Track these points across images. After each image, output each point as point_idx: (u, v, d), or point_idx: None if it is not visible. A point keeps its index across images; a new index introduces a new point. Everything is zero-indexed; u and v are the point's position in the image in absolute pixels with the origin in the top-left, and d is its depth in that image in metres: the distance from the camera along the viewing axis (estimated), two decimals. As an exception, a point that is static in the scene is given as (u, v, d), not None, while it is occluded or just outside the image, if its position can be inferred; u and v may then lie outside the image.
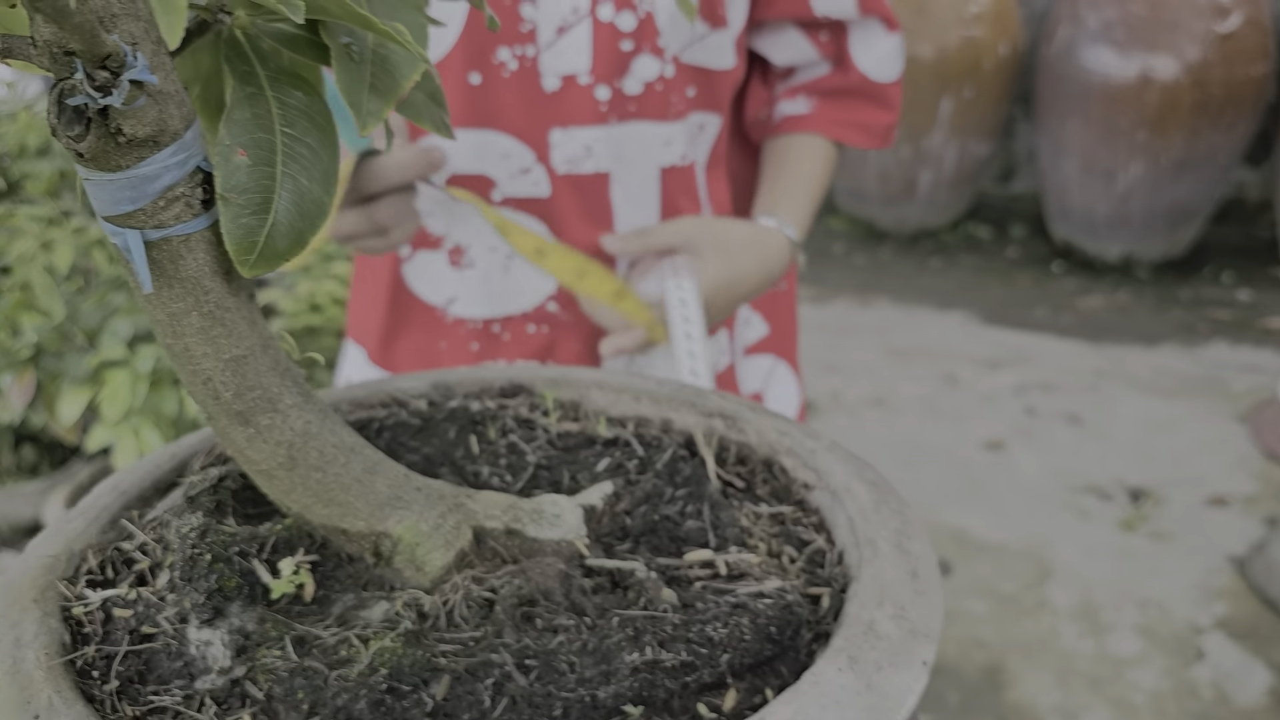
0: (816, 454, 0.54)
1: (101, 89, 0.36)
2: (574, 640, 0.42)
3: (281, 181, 0.40)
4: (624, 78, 0.89)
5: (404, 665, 0.40)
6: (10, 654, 0.43)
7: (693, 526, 0.50)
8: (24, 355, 1.90)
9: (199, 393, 0.43)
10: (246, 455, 0.44)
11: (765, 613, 0.42)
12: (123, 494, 0.55)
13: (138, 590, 0.48)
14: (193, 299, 0.41)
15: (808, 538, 0.50)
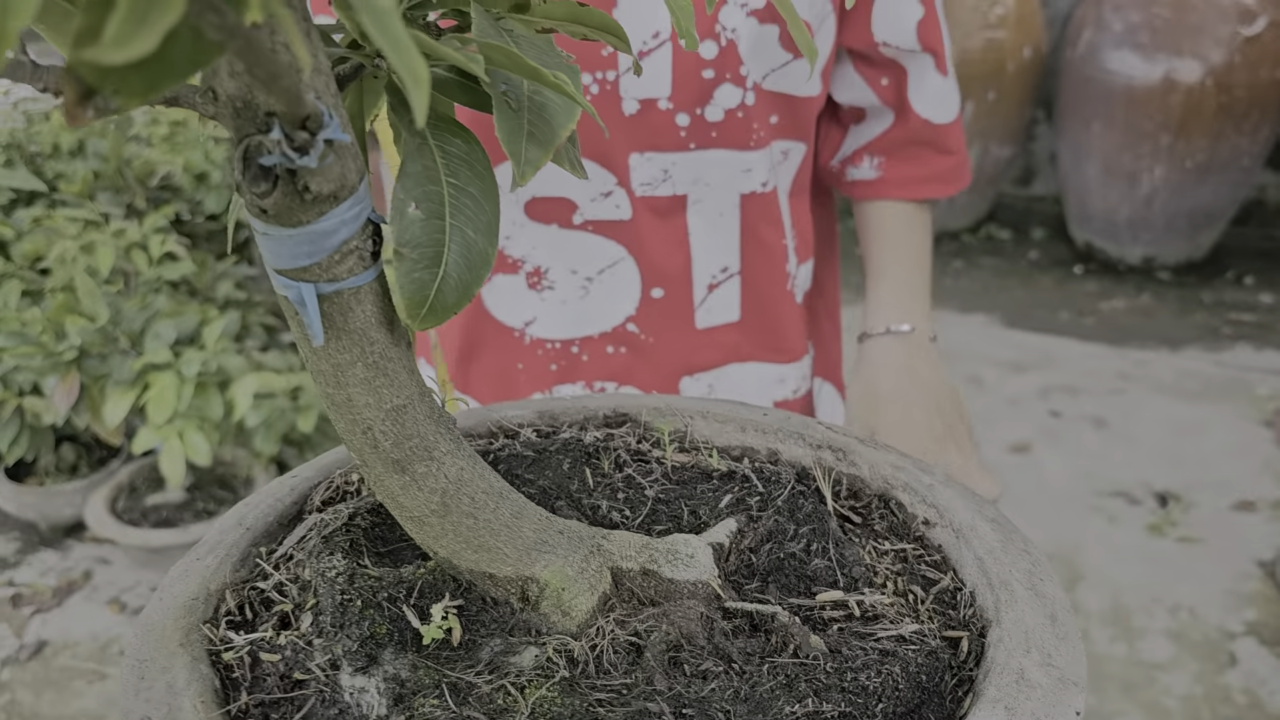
0: (934, 490, 0.54)
1: (300, 149, 0.37)
2: (725, 688, 0.42)
3: (450, 234, 0.41)
4: (705, 105, 0.90)
5: (564, 715, 0.41)
6: (165, 701, 0.43)
7: (820, 565, 0.50)
8: (68, 358, 1.92)
9: (357, 442, 0.44)
10: (400, 502, 0.45)
11: (914, 660, 0.43)
12: (248, 530, 0.55)
13: (282, 634, 0.47)
14: (359, 350, 0.42)
15: (933, 577, 0.50)
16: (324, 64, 0.38)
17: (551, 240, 0.94)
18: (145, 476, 2.31)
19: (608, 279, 0.97)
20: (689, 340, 1.01)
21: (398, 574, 0.48)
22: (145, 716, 0.42)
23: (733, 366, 1.03)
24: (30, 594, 2.30)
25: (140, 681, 0.44)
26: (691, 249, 0.97)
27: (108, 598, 2.30)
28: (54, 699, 2.04)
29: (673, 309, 0.99)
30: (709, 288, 0.99)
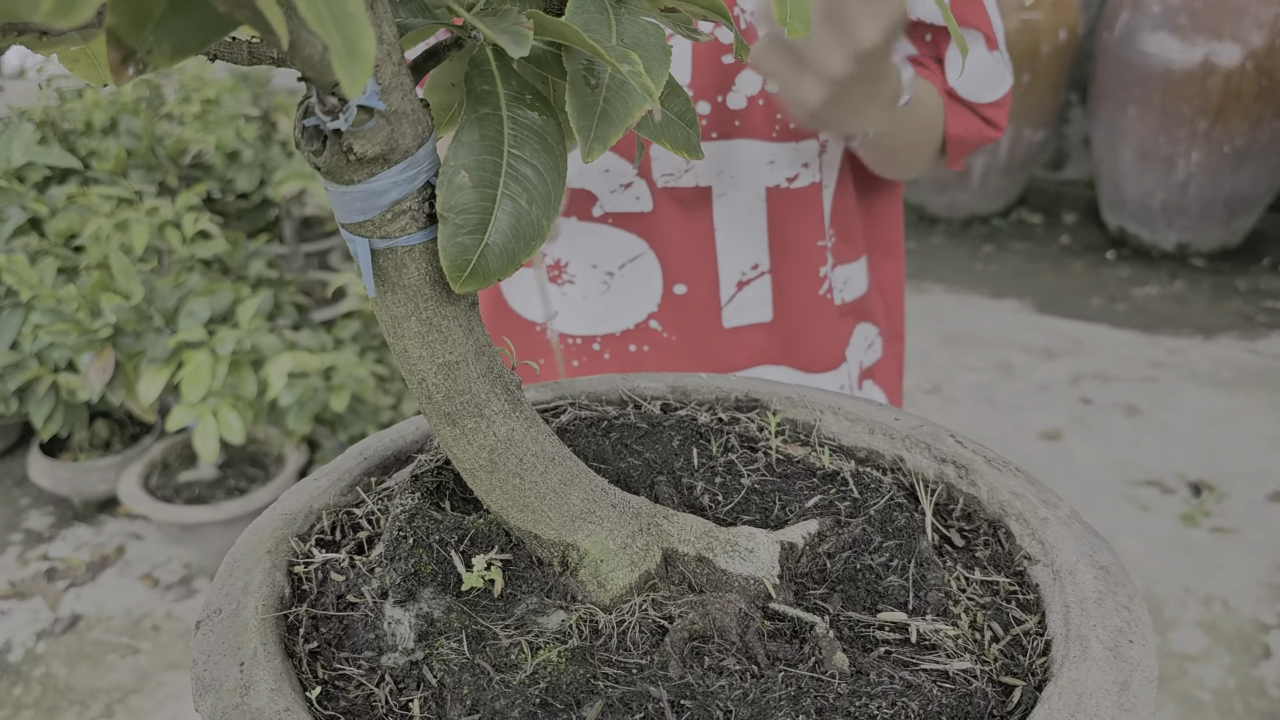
0: (1048, 524, 0.51)
1: (331, 113, 0.37)
2: (734, 687, 0.42)
3: (500, 203, 0.41)
4: (727, 93, 0.88)
5: (563, 682, 0.41)
6: (237, 599, 0.47)
7: (894, 583, 0.49)
8: (103, 335, 1.94)
9: (415, 390, 0.44)
10: (454, 452, 0.46)
11: (939, 699, 0.41)
12: (365, 460, 0.58)
13: (353, 558, 0.50)
14: (412, 305, 0.42)
15: (1019, 617, 0.47)
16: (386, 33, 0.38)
17: (571, 233, 0.93)
18: (178, 453, 2.33)
19: (629, 274, 0.95)
20: (715, 340, 0.98)
21: (459, 520, 0.49)
22: (218, 607, 0.46)
23: (763, 369, 1.00)
24: (64, 568, 2.33)
25: (228, 577, 0.48)
26: (717, 244, 0.94)
27: (140, 573, 2.32)
28: (87, 672, 2.06)
29: (697, 306, 0.96)
30: (738, 285, 0.96)
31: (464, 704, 0.42)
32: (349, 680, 0.45)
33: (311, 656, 0.46)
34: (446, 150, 0.41)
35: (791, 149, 0.92)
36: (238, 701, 0.41)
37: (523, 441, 0.46)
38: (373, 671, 0.45)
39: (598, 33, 0.41)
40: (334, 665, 0.45)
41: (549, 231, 0.42)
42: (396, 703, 0.43)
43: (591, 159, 0.40)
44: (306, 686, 0.43)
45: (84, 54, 0.42)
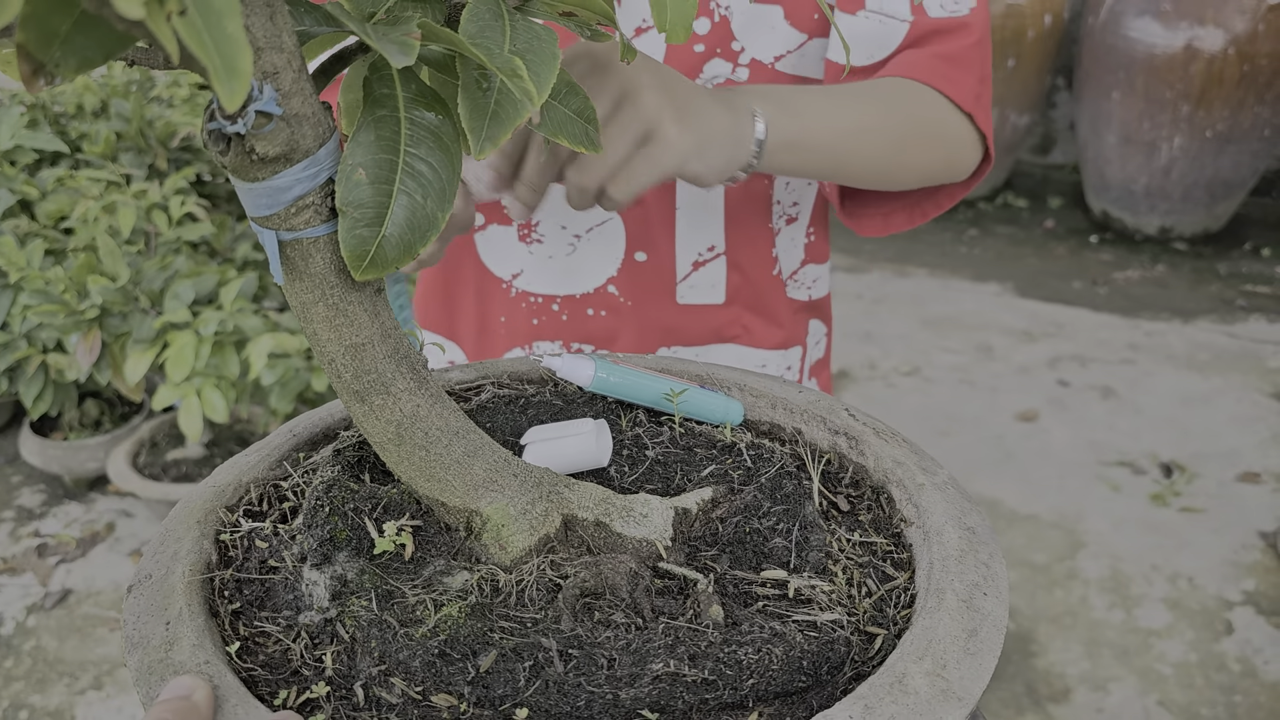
0: (924, 489, 0.55)
1: (231, 118, 0.41)
2: (619, 638, 0.46)
3: (396, 198, 0.45)
4: (694, 80, 0.90)
5: (460, 634, 0.46)
6: (167, 564, 0.51)
7: (779, 544, 0.53)
8: (90, 316, 1.98)
9: (326, 370, 0.49)
10: (364, 427, 0.50)
11: (801, 645, 0.45)
12: (294, 436, 0.62)
13: (278, 526, 0.55)
14: (319, 292, 0.47)
15: (891, 574, 0.52)
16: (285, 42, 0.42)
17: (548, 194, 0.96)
18: (166, 432, 2.37)
19: (595, 238, 0.98)
20: (668, 313, 1.01)
21: (374, 490, 0.53)
22: (149, 573, 0.51)
23: (715, 347, 1.04)
24: (55, 544, 2.38)
25: (160, 546, 0.53)
26: (677, 222, 0.97)
27: (130, 549, 2.37)
28: (77, 645, 2.11)
29: (654, 276, 0.99)
30: (694, 265, 0.99)
31: (372, 655, 0.46)
32: (268, 636, 0.49)
33: (234, 616, 0.50)
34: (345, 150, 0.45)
35: None
36: (162, 656, 0.45)
37: (428, 417, 0.50)
38: (290, 629, 0.49)
39: (490, 39, 0.45)
40: (254, 624, 0.50)
41: (443, 223, 0.46)
42: (310, 656, 0.47)
43: (482, 157, 0.44)
44: (228, 642, 0.48)
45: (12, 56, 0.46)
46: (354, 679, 0.46)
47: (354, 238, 0.44)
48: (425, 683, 0.44)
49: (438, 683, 0.44)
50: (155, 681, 0.44)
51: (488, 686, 0.44)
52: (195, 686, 0.42)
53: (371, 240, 0.45)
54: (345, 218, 0.44)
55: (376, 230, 0.45)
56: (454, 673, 0.44)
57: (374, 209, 0.44)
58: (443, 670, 0.44)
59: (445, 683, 0.44)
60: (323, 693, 0.44)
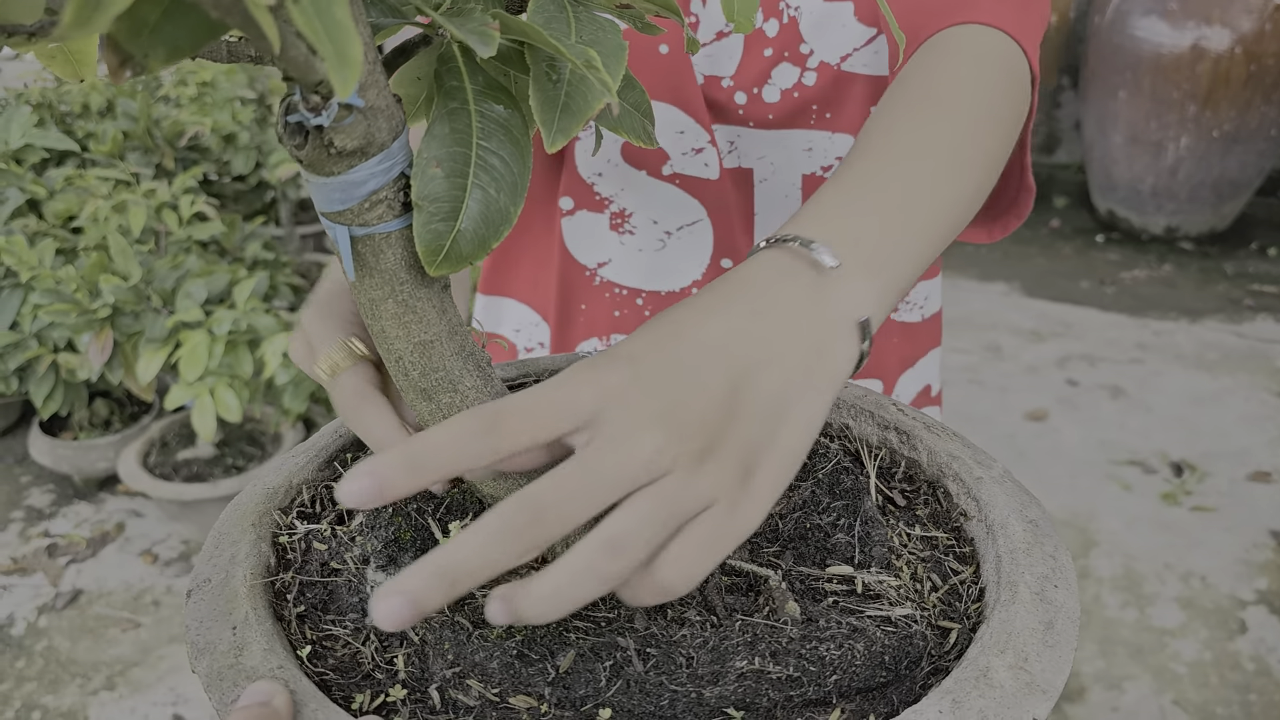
0: (982, 483, 0.55)
1: (314, 110, 0.41)
2: (696, 636, 0.45)
3: (471, 192, 0.44)
4: (763, 85, 0.87)
5: (537, 635, 0.45)
6: (225, 569, 0.50)
7: (841, 540, 0.53)
8: (102, 315, 1.97)
9: (392, 368, 0.48)
10: (429, 426, 0.49)
11: (882, 640, 0.45)
12: (341, 436, 0.61)
13: (335, 528, 0.54)
14: (389, 288, 0.46)
15: (955, 569, 0.52)
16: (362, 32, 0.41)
17: (640, 186, 0.93)
18: (176, 432, 2.37)
19: (685, 237, 0.95)
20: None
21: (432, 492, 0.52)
22: (207, 577, 0.50)
23: None
24: (66, 544, 2.37)
25: (215, 549, 0.52)
26: (755, 230, 0.93)
27: (140, 549, 2.36)
28: (89, 646, 2.11)
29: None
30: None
31: (445, 658, 0.45)
32: (336, 640, 0.48)
33: (299, 619, 0.49)
34: (419, 143, 0.44)
35: (826, 138, 0.90)
36: (232, 662, 0.44)
37: (494, 414, 0.50)
38: (358, 631, 0.49)
39: (558, 31, 0.45)
40: (321, 627, 0.49)
41: (515, 217, 0.46)
42: (382, 659, 0.47)
43: (554, 149, 0.43)
44: (297, 646, 0.47)
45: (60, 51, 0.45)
46: (428, 681, 0.45)
47: (429, 232, 0.44)
48: (503, 684, 0.44)
49: (516, 684, 0.44)
50: (228, 688, 0.43)
51: (568, 687, 0.43)
52: (274, 692, 0.41)
53: (447, 235, 0.44)
54: (421, 212, 0.43)
55: (452, 225, 0.44)
56: (533, 674, 0.44)
57: (449, 203, 0.44)
58: (521, 671, 0.44)
59: (524, 684, 0.44)
60: (400, 696, 0.44)
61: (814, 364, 0.47)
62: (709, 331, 0.46)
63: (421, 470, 0.41)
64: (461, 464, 0.41)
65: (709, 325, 0.47)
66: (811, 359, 0.47)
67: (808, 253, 0.50)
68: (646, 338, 0.46)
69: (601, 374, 0.44)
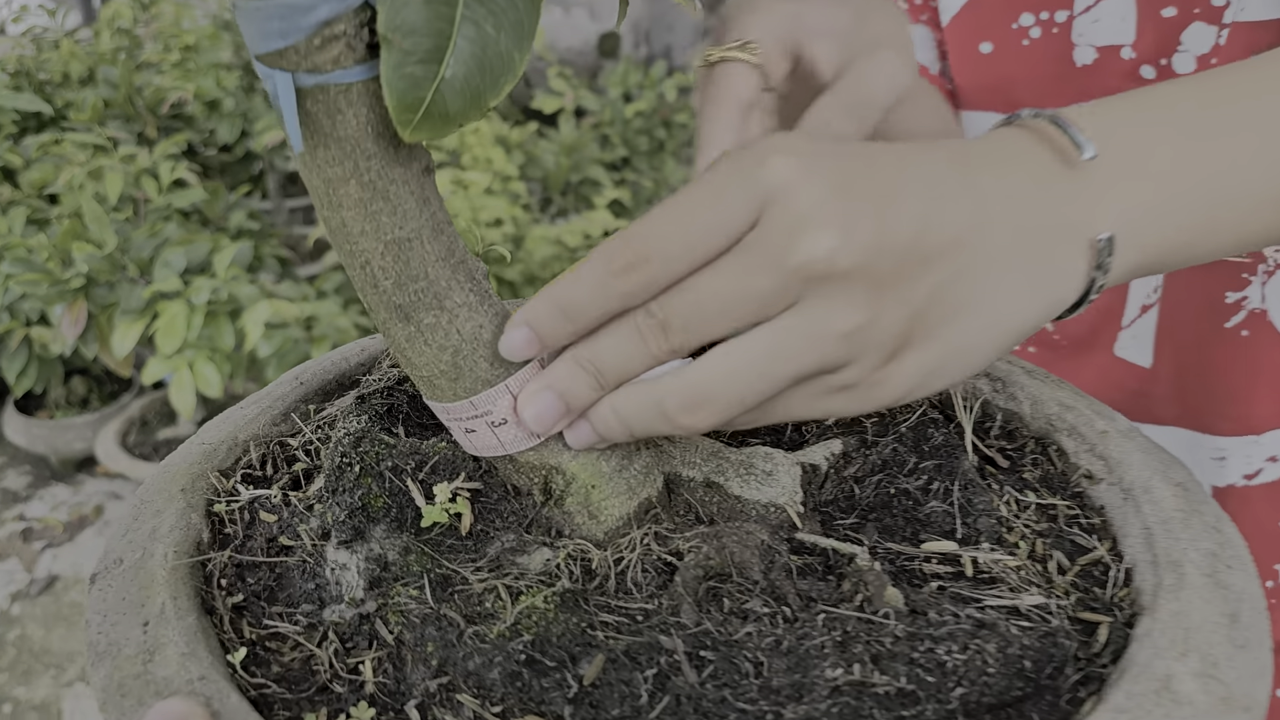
0: (1109, 438, 0.44)
1: None
2: (766, 634, 0.34)
3: (460, 28, 0.32)
4: (1173, 54, 0.67)
5: (553, 633, 0.34)
6: (142, 546, 0.39)
7: (937, 509, 0.42)
8: (75, 285, 1.85)
9: (357, 277, 0.36)
10: (406, 356, 0.38)
11: (1019, 640, 0.34)
12: (302, 385, 0.50)
13: (287, 494, 0.42)
14: (351, 164, 0.34)
15: (1085, 544, 0.41)
16: None
17: None
18: (157, 410, 2.25)
19: None
20: (1101, 366, 0.76)
21: (415, 444, 0.41)
22: (118, 557, 0.39)
23: (1147, 428, 0.74)
24: (41, 528, 2.25)
25: (133, 522, 0.41)
26: None
27: (120, 534, 2.25)
28: (64, 634, 1.99)
29: (1099, 316, 0.74)
30: (1142, 309, 0.72)
31: (428, 664, 0.34)
32: (283, 640, 0.37)
33: (236, 612, 0.38)
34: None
35: None
36: (139, 670, 0.33)
37: (493, 341, 0.38)
38: (313, 629, 0.37)
39: None
40: (264, 622, 0.37)
41: (520, 67, 0.34)
42: (343, 665, 0.35)
43: None
44: (229, 649, 0.35)
45: None
46: (405, 696, 0.33)
47: (403, 78, 0.32)
48: (507, 700, 0.32)
49: (525, 700, 0.32)
50: (130, 706, 0.31)
51: (597, 705, 0.32)
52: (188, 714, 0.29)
53: (427, 83, 0.32)
54: (391, 50, 0.31)
55: (434, 70, 0.32)
56: (548, 686, 0.32)
57: (430, 39, 0.32)
58: (532, 683, 0.32)
59: (536, 699, 0.32)
60: (367, 717, 0.32)
61: (1029, 263, 0.37)
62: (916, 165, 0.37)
63: (573, 314, 0.36)
64: (611, 301, 0.35)
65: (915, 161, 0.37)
66: (1027, 254, 0.37)
67: (1058, 133, 0.38)
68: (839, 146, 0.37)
69: (782, 157, 0.35)
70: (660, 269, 0.34)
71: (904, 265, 0.35)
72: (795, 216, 0.34)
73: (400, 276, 0.36)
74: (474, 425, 0.38)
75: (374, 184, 0.34)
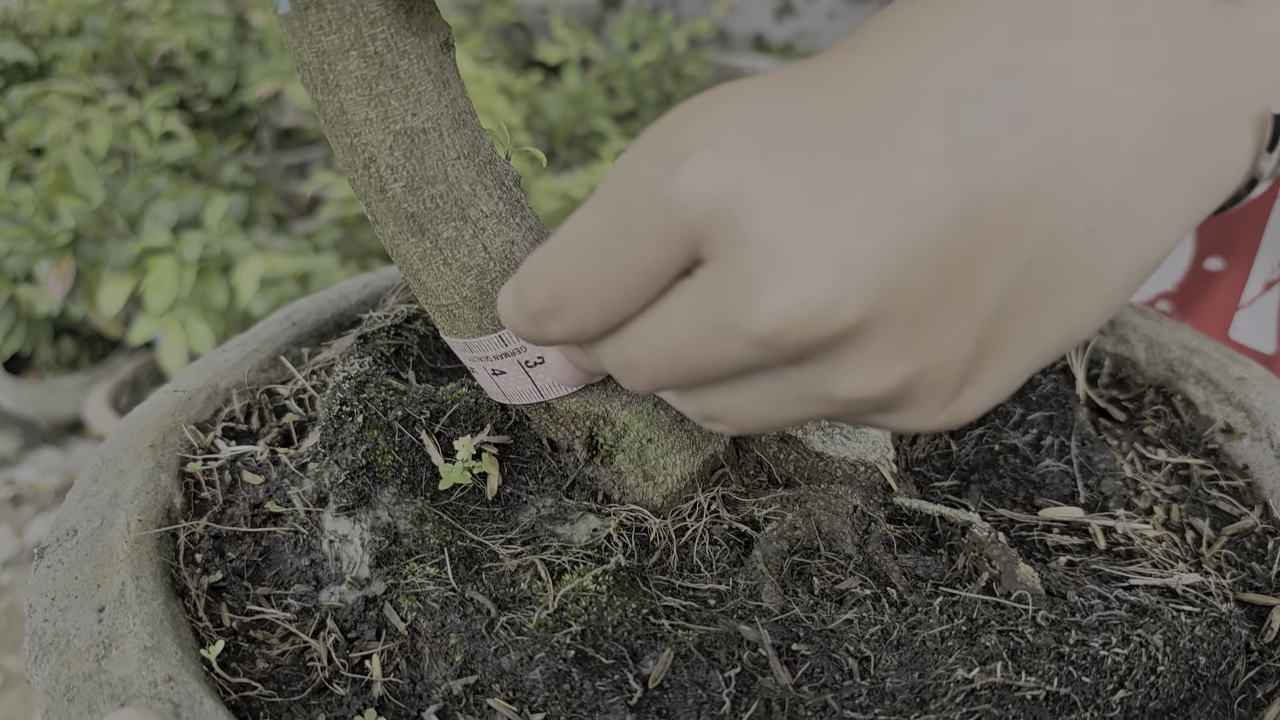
0: (1248, 385, 0.38)
1: None
2: (869, 622, 0.28)
3: None
4: None
5: (607, 622, 0.27)
6: (101, 513, 0.32)
7: (1053, 469, 0.35)
8: (61, 241, 1.77)
9: (360, 181, 0.29)
10: (421, 279, 0.31)
11: (1189, 630, 0.27)
12: (294, 325, 0.44)
13: (276, 450, 0.36)
14: (352, 30, 0.27)
15: (1229, 510, 0.35)
16: None
17: None
18: (149, 372, 2.18)
19: None
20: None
21: (429, 390, 0.34)
22: (72, 527, 0.32)
23: None
24: (31, 494, 2.19)
25: (91, 485, 0.34)
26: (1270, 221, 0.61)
27: (113, 499, 2.19)
28: (56, 602, 1.94)
29: (1220, 293, 0.66)
30: (1266, 284, 0.64)
31: (450, 660, 0.27)
32: (271, 629, 0.30)
33: (213, 595, 0.31)
34: None
35: None
36: (91, 669, 0.26)
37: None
38: (307, 614, 0.31)
39: None
40: (248, 607, 0.31)
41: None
42: (345, 660, 0.29)
43: None
44: (204, 640, 0.29)
45: None
46: (422, 699, 0.27)
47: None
48: (552, 706, 0.25)
49: (575, 706, 0.25)
50: (79, 713, 0.25)
51: (665, 712, 0.25)
52: (137, 728, 0.22)
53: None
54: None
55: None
56: (604, 690, 0.25)
57: None
58: (583, 685, 0.25)
59: (588, 706, 0.25)
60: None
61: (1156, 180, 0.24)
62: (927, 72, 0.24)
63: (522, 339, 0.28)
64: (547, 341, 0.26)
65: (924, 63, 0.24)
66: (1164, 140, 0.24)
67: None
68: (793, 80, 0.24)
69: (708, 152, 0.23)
70: (580, 318, 0.24)
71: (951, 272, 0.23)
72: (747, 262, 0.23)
73: (413, 178, 0.29)
74: (503, 365, 0.31)
75: (380, 57, 0.27)
